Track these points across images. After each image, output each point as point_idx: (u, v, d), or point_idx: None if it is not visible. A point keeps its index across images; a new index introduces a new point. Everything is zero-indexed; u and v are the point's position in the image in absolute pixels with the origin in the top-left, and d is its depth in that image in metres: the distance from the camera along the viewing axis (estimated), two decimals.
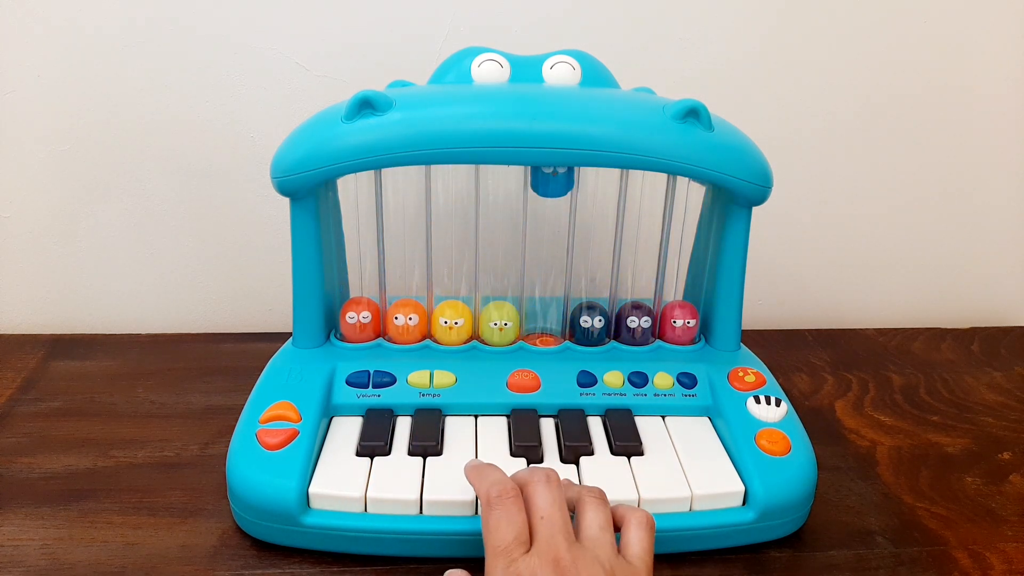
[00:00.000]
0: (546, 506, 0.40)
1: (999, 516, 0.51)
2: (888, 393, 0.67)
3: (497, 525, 0.39)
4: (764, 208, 0.53)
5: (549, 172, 0.54)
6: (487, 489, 0.41)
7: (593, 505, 0.41)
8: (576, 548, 0.38)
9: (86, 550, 0.45)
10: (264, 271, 0.75)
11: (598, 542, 0.39)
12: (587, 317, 0.57)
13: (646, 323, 0.57)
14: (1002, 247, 0.83)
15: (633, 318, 0.57)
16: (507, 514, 0.39)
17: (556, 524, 0.39)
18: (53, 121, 0.68)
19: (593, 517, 0.40)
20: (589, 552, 0.38)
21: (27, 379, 0.63)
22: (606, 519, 0.40)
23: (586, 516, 0.41)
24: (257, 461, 0.46)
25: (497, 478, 0.41)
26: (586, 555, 0.38)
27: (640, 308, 0.58)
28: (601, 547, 0.39)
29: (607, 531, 0.40)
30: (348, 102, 0.48)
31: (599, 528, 0.40)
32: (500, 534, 0.39)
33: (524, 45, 0.55)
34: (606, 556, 0.38)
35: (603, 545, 0.39)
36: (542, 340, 0.58)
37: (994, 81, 0.76)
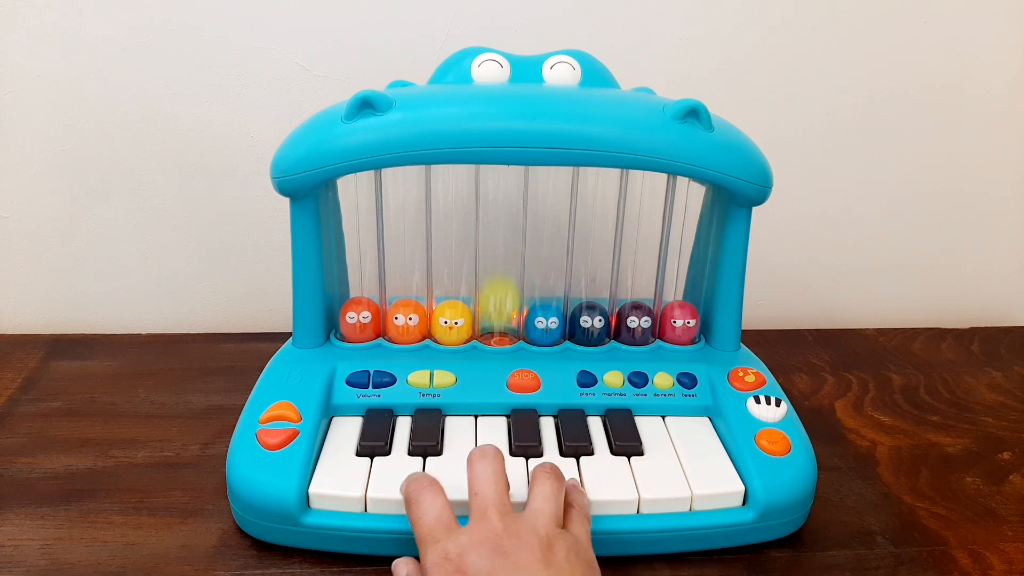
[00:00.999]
0: (479, 481, 0.41)
1: (999, 516, 0.51)
2: (888, 393, 0.67)
3: (417, 516, 0.40)
4: (764, 208, 0.53)
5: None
6: (405, 488, 0.42)
7: (540, 479, 0.42)
8: (510, 519, 0.38)
9: (86, 550, 0.45)
10: (264, 271, 0.75)
11: (539, 513, 0.39)
12: (587, 317, 0.57)
13: (646, 323, 0.57)
14: (1002, 247, 0.83)
15: (633, 318, 0.57)
16: (423, 503, 0.40)
17: (489, 497, 0.39)
18: (53, 121, 0.68)
19: (539, 490, 0.41)
20: (526, 523, 0.38)
21: (27, 379, 0.63)
22: (551, 490, 0.41)
23: (533, 489, 0.41)
24: (257, 461, 0.46)
25: (412, 476, 0.43)
26: (521, 526, 0.38)
27: (640, 308, 0.58)
28: (540, 517, 0.39)
29: (551, 502, 0.40)
30: (348, 102, 0.48)
31: (543, 499, 0.40)
32: (421, 522, 0.39)
33: (524, 45, 0.55)
34: (543, 525, 0.38)
35: (543, 515, 0.39)
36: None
37: (994, 81, 0.76)
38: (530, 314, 0.57)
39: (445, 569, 0.36)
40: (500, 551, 0.36)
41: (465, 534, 0.38)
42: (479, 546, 0.37)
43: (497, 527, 0.38)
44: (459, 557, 0.36)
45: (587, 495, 0.44)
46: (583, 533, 0.40)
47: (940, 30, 0.73)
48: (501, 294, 0.57)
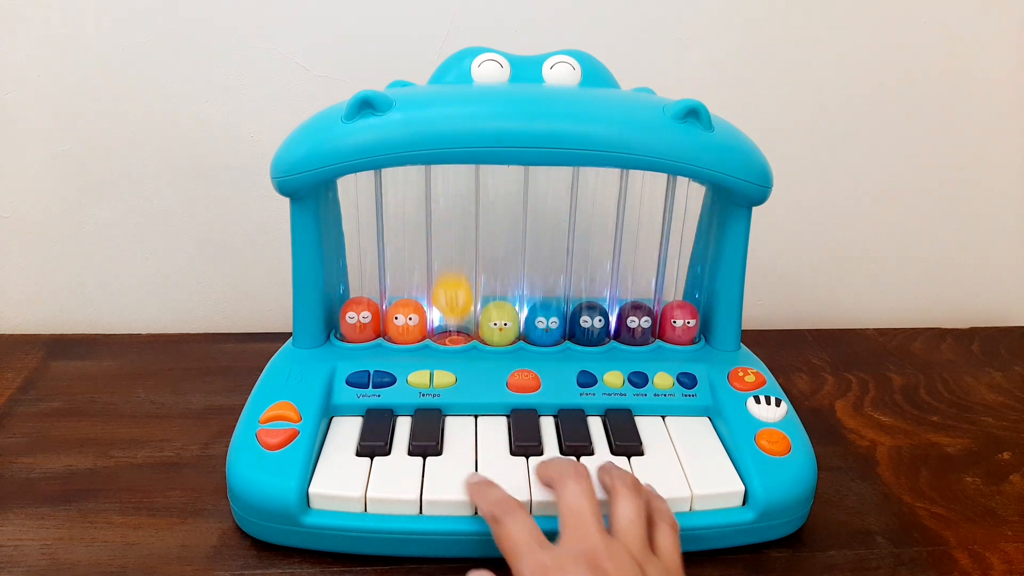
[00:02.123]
0: (574, 499, 0.40)
1: (999, 516, 0.51)
2: (888, 393, 0.67)
3: (508, 533, 0.39)
4: (764, 208, 0.53)
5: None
6: (489, 509, 0.41)
7: (625, 496, 0.41)
8: (608, 539, 0.38)
9: (86, 550, 0.45)
10: (264, 271, 0.75)
11: (629, 534, 0.39)
12: (587, 317, 0.57)
13: (646, 323, 0.57)
14: (1002, 247, 0.83)
15: (633, 318, 0.57)
16: (514, 521, 0.39)
17: (586, 516, 0.39)
18: (53, 121, 0.68)
19: (624, 508, 0.40)
20: (620, 544, 0.38)
21: (27, 379, 0.63)
22: (638, 511, 0.40)
23: (618, 507, 0.40)
24: (257, 461, 0.46)
25: (497, 496, 0.42)
26: (618, 548, 0.37)
27: (640, 308, 0.58)
28: (633, 538, 0.38)
29: (637, 524, 0.39)
30: (348, 102, 0.48)
31: (629, 521, 0.39)
32: (513, 539, 0.38)
33: (524, 45, 0.55)
34: (638, 548, 0.38)
35: (635, 537, 0.39)
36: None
37: (994, 81, 0.76)
38: (530, 314, 0.57)
39: None
40: (599, 570, 0.36)
41: (563, 549, 0.38)
42: (578, 561, 0.36)
43: (596, 545, 0.37)
44: (559, 569, 0.36)
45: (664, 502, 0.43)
46: (672, 550, 0.40)
47: (941, 30, 0.73)
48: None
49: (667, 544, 0.40)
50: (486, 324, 0.56)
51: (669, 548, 0.40)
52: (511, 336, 0.57)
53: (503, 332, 0.56)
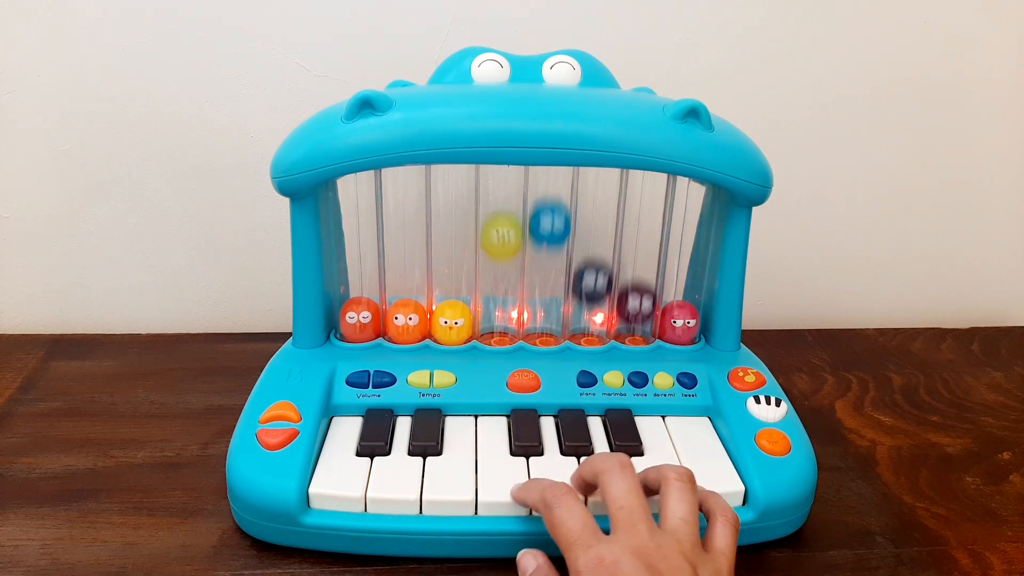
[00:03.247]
0: (622, 494, 0.39)
1: (999, 516, 0.51)
2: (888, 393, 0.67)
3: (561, 520, 0.39)
4: (764, 208, 0.53)
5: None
6: (540, 495, 0.40)
7: (678, 490, 0.40)
8: (659, 535, 0.38)
9: (86, 550, 0.45)
10: (264, 271, 0.75)
11: (681, 532, 0.38)
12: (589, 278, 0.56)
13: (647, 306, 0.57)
14: (1002, 247, 0.83)
15: (634, 300, 0.57)
16: (567, 508, 0.39)
17: (636, 511, 0.38)
18: (53, 121, 0.68)
19: (677, 505, 0.39)
20: (672, 540, 0.37)
21: (27, 379, 0.63)
22: (691, 508, 0.39)
23: (670, 503, 0.40)
24: (257, 461, 0.46)
25: (547, 483, 0.41)
26: (669, 543, 0.37)
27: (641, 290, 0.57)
28: (685, 537, 0.38)
29: (690, 522, 0.39)
30: (348, 102, 0.48)
31: (681, 519, 0.39)
32: (567, 526, 0.38)
33: (524, 45, 0.55)
34: (689, 546, 0.38)
35: (686, 535, 0.38)
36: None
37: (994, 81, 0.76)
38: (533, 219, 0.56)
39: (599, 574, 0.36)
40: (653, 568, 0.36)
41: (618, 543, 0.37)
42: (633, 557, 0.36)
43: (648, 543, 0.37)
44: (614, 564, 0.36)
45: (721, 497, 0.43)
46: (727, 549, 0.39)
47: (941, 30, 0.73)
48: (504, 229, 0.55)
49: (722, 543, 0.39)
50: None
51: (723, 547, 0.39)
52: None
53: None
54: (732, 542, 0.40)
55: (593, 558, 0.37)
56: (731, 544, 0.39)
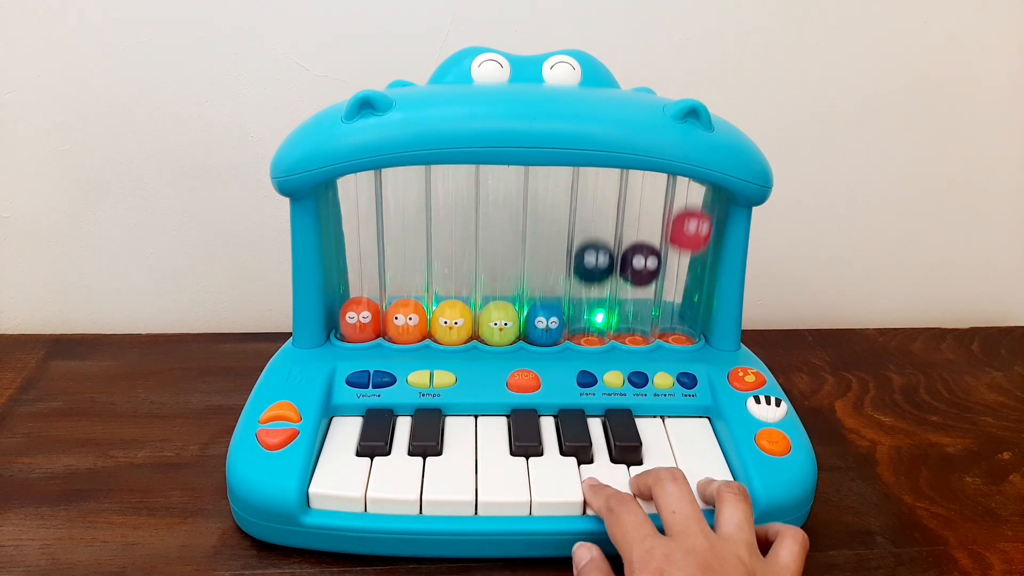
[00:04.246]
0: (676, 501, 0.40)
1: (999, 516, 0.51)
2: (888, 393, 0.67)
3: (619, 520, 0.39)
4: (764, 208, 0.53)
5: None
6: (605, 502, 0.42)
7: (732, 501, 0.41)
8: (714, 539, 0.38)
9: (86, 550, 0.45)
10: (264, 271, 0.75)
11: (736, 537, 0.38)
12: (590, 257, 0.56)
13: (652, 264, 0.56)
14: (1002, 247, 0.83)
15: (639, 257, 0.56)
16: (628, 510, 0.40)
17: (690, 516, 0.39)
18: (53, 121, 0.68)
19: (731, 513, 0.40)
20: (727, 544, 0.38)
21: (27, 379, 0.63)
22: (745, 517, 0.40)
23: (724, 512, 0.40)
24: (257, 461, 0.46)
25: (612, 491, 0.43)
26: (727, 550, 0.37)
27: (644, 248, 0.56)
28: (740, 541, 0.38)
29: (745, 530, 0.39)
30: (348, 102, 0.48)
31: (736, 526, 0.39)
32: (626, 526, 0.39)
33: (524, 45, 0.55)
34: (746, 551, 0.38)
35: (742, 541, 0.38)
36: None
37: (995, 81, 0.76)
38: (530, 314, 0.57)
39: (650, 565, 0.36)
40: (707, 568, 0.36)
41: (673, 541, 0.38)
42: (687, 556, 0.37)
43: (703, 544, 0.37)
44: (665, 558, 0.36)
45: None
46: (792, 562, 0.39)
47: (941, 29, 0.73)
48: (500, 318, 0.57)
49: (788, 557, 0.39)
50: (486, 324, 0.56)
51: (788, 561, 0.39)
52: (511, 336, 0.57)
53: (503, 332, 0.56)
54: (799, 558, 0.39)
55: (646, 549, 0.37)
56: (797, 559, 0.39)
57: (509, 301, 0.58)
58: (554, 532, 0.44)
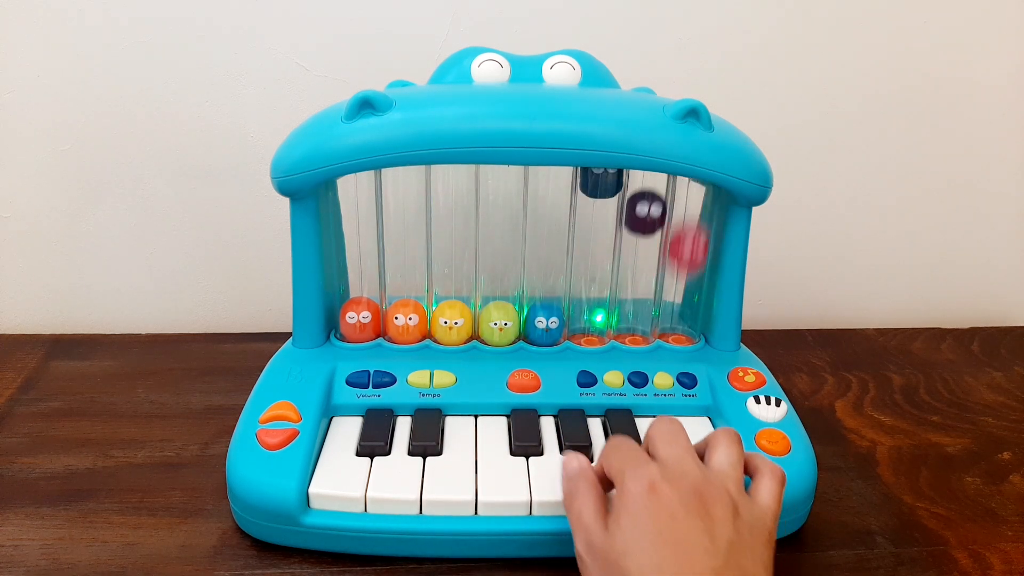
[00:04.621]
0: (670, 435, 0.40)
1: (999, 516, 0.51)
2: (888, 393, 0.67)
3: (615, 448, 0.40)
4: (764, 208, 0.53)
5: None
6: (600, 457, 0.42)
7: (725, 442, 0.41)
8: (705, 470, 0.38)
9: (86, 550, 0.45)
10: (264, 271, 0.75)
11: (726, 474, 0.39)
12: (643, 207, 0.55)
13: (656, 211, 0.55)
14: (1002, 247, 0.83)
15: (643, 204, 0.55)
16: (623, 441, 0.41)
17: (684, 448, 0.39)
18: (53, 121, 0.68)
19: (724, 453, 0.40)
20: (719, 480, 0.38)
21: (27, 379, 0.63)
22: (738, 457, 0.40)
23: (717, 451, 0.40)
24: (257, 461, 0.46)
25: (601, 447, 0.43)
26: (716, 480, 0.38)
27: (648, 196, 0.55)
28: (730, 478, 0.38)
29: (737, 468, 0.39)
30: (348, 102, 0.48)
31: (729, 465, 0.39)
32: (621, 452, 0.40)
33: (524, 45, 0.55)
34: (734, 487, 0.38)
35: (732, 478, 0.39)
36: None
37: (995, 81, 0.76)
38: (530, 314, 0.57)
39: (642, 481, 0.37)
40: (696, 492, 0.36)
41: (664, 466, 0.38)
42: (680, 478, 0.37)
43: (695, 472, 0.38)
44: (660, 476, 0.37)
45: None
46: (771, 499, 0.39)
47: (941, 29, 0.73)
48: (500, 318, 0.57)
49: (767, 495, 0.39)
50: (486, 324, 0.56)
51: (768, 499, 0.39)
52: (511, 336, 0.57)
53: (503, 332, 0.56)
54: (777, 496, 0.40)
55: (642, 471, 0.37)
56: (776, 497, 0.39)
57: (509, 301, 0.58)
58: (554, 532, 0.44)
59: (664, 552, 0.35)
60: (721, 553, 0.35)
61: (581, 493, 0.39)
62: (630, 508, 0.37)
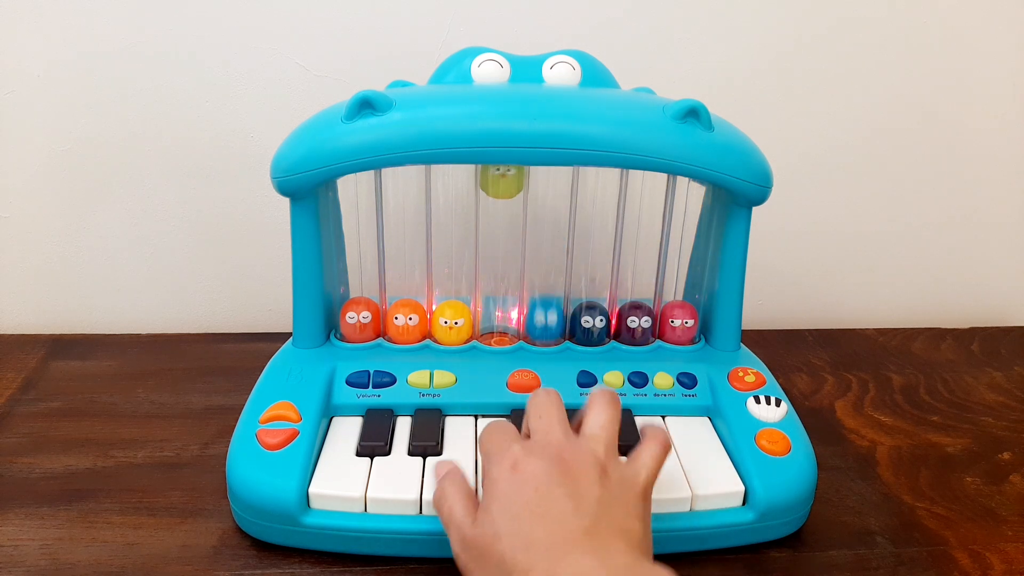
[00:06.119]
0: (542, 406, 0.41)
1: (999, 516, 0.51)
2: (888, 393, 0.67)
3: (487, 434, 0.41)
4: (764, 208, 0.53)
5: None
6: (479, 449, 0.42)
7: (599, 404, 0.41)
8: (573, 438, 0.39)
9: (86, 550, 0.45)
10: (264, 271, 0.75)
11: (596, 437, 0.39)
12: (588, 317, 0.57)
13: (646, 323, 0.57)
14: (1002, 247, 0.83)
15: (633, 318, 0.57)
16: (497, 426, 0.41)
17: (553, 417, 0.40)
18: (53, 121, 0.68)
19: (596, 415, 0.40)
20: (586, 443, 0.39)
21: (27, 379, 0.63)
22: (609, 419, 0.40)
23: (590, 414, 0.41)
24: (257, 461, 0.46)
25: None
26: (582, 444, 0.38)
27: (640, 308, 0.58)
28: (599, 442, 0.39)
29: (607, 429, 0.40)
30: (348, 102, 0.48)
31: (599, 427, 0.40)
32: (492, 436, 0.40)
33: (524, 45, 0.55)
34: (603, 450, 0.38)
35: (601, 440, 0.39)
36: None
37: (994, 82, 0.76)
38: (530, 311, 0.57)
39: (506, 459, 0.38)
40: (559, 460, 0.37)
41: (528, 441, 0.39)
42: (542, 449, 0.38)
43: (560, 440, 0.38)
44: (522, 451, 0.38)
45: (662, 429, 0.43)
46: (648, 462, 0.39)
47: (941, 29, 0.73)
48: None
49: (646, 454, 0.40)
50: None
51: (645, 457, 0.39)
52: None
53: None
54: (657, 457, 0.40)
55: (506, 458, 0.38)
56: (655, 457, 0.40)
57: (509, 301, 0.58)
58: None
59: (533, 525, 0.35)
60: (590, 513, 0.35)
61: (448, 494, 0.40)
62: (496, 493, 0.37)
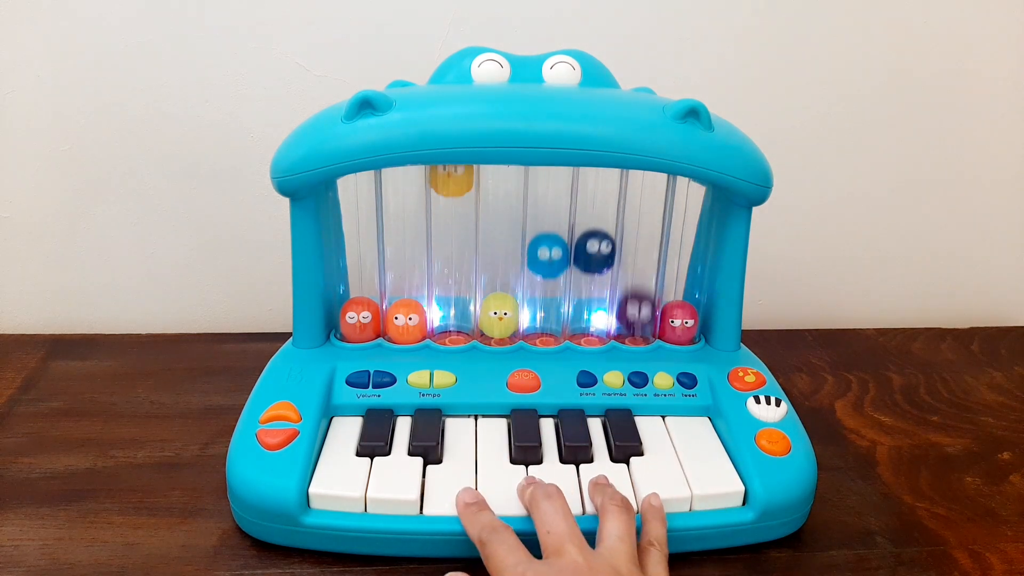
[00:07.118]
0: (550, 519, 0.40)
1: (999, 516, 0.51)
2: (888, 393, 0.67)
3: (495, 552, 0.39)
4: (764, 208, 0.53)
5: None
6: (478, 533, 0.41)
7: (614, 514, 0.41)
8: (590, 554, 0.38)
9: (86, 550, 0.45)
10: (264, 271, 0.75)
11: (615, 551, 0.39)
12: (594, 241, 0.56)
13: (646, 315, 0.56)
14: (1002, 247, 0.83)
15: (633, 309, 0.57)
16: (499, 539, 0.39)
17: (563, 534, 0.39)
18: (53, 120, 0.68)
19: (613, 526, 0.40)
20: (605, 561, 0.38)
21: (27, 379, 0.63)
22: (626, 528, 0.40)
23: (606, 525, 0.41)
24: (257, 461, 0.46)
25: (485, 521, 0.41)
26: (602, 563, 0.38)
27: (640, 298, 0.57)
28: (618, 556, 0.39)
29: (626, 540, 0.40)
30: (348, 102, 0.48)
31: (617, 538, 0.40)
32: (499, 558, 0.38)
33: (524, 45, 0.55)
34: (623, 564, 0.38)
35: (620, 554, 0.39)
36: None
37: (994, 80, 0.76)
38: (531, 246, 0.56)
39: None
40: None
41: (546, 565, 0.38)
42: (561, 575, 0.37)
43: (579, 561, 0.37)
44: None
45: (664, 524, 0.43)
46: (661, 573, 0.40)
47: (941, 29, 0.73)
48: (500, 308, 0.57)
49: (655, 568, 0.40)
50: (486, 314, 0.56)
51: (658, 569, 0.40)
52: (511, 327, 0.57)
53: (503, 321, 0.56)
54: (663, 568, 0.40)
55: None
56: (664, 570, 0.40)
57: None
58: None
59: None
60: None
61: None
62: None
